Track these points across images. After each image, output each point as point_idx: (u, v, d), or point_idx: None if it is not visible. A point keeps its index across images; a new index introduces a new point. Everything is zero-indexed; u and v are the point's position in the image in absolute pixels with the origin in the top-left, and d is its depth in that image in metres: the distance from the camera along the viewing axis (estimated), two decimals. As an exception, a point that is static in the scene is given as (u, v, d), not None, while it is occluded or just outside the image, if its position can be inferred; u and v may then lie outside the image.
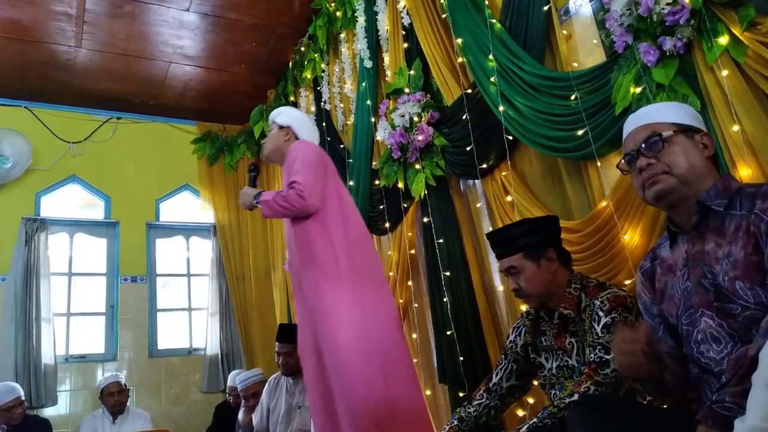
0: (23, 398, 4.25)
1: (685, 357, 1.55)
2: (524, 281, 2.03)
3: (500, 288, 3.18)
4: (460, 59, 3.30)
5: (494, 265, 3.25)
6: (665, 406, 1.82)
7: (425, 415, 2.56)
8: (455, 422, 2.22)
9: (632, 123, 1.58)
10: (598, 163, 2.50)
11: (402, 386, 2.49)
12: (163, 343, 5.76)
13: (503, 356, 2.24)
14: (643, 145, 1.50)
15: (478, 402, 2.23)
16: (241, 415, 4.33)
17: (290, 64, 5.50)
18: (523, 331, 2.20)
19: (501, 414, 2.27)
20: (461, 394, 3.19)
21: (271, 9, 4.85)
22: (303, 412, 3.56)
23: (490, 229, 3.25)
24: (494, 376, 2.24)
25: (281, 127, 2.97)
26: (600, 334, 1.86)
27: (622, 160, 1.57)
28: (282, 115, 3.01)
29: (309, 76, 5.10)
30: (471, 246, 3.40)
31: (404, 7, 3.80)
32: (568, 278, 2.04)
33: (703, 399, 1.42)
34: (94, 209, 5.88)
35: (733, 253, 1.35)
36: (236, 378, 4.53)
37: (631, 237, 2.30)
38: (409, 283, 3.87)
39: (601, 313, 1.89)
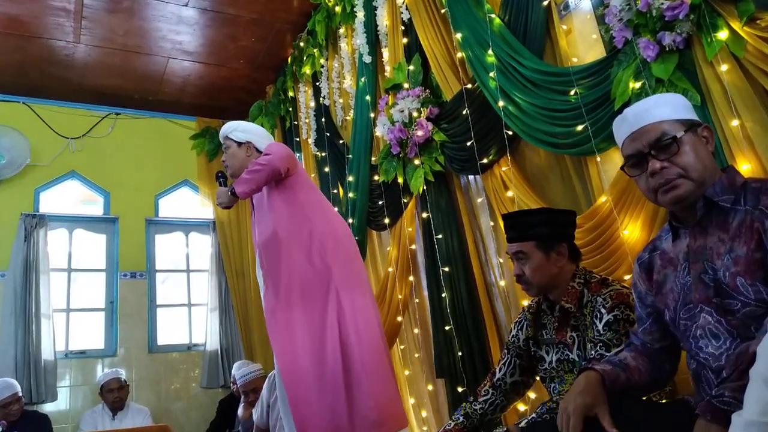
0: (20, 394, 4.25)
1: (660, 350, 1.58)
2: (529, 269, 2.02)
3: (501, 283, 3.19)
4: (459, 54, 3.30)
5: (495, 259, 3.25)
6: (664, 401, 1.83)
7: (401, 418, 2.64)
8: (461, 419, 2.22)
9: (632, 121, 1.48)
10: (598, 159, 2.50)
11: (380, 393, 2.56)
12: (162, 339, 5.77)
13: (506, 351, 2.24)
14: (653, 147, 1.43)
15: (484, 398, 2.22)
16: (241, 411, 4.33)
17: (289, 59, 5.49)
18: (524, 325, 2.20)
19: (505, 411, 2.27)
20: (460, 389, 3.19)
21: (270, 4, 4.84)
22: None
23: (491, 224, 3.26)
24: (498, 371, 2.24)
25: (240, 144, 2.94)
26: (601, 331, 1.86)
27: (628, 163, 1.49)
28: (236, 131, 2.95)
29: (308, 71, 5.09)
30: (472, 241, 3.40)
31: (403, 2, 3.79)
32: (573, 273, 2.04)
33: (701, 394, 1.43)
34: (94, 205, 5.88)
35: (735, 248, 1.34)
36: (237, 372, 4.52)
37: (631, 232, 2.30)
38: (410, 278, 3.87)
39: (603, 310, 1.89)
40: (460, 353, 3.21)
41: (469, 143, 3.17)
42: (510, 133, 2.92)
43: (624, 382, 1.49)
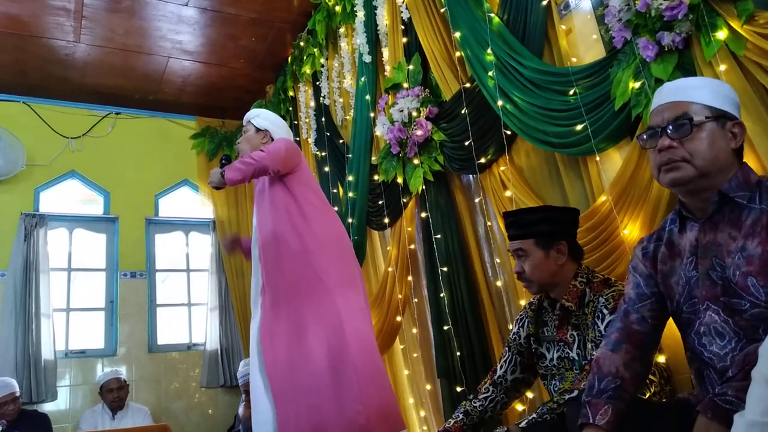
0: (18, 394, 4.22)
1: (652, 330, 1.54)
2: (529, 267, 2.04)
3: (500, 283, 3.18)
4: (458, 53, 3.30)
5: (495, 259, 3.25)
6: (664, 400, 1.83)
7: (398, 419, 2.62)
8: (460, 416, 2.22)
9: (665, 94, 1.46)
10: (597, 158, 2.49)
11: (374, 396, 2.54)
12: (162, 339, 5.77)
13: (507, 349, 2.25)
14: (670, 125, 1.41)
15: (484, 396, 2.23)
16: (241, 410, 4.34)
17: (289, 58, 5.49)
18: (526, 322, 2.21)
19: (505, 408, 2.28)
20: (459, 389, 3.19)
21: (269, 3, 4.85)
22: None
23: (489, 224, 3.26)
24: (498, 368, 2.25)
25: (258, 130, 3.01)
26: (603, 332, 1.86)
27: (644, 134, 1.48)
28: (260, 117, 3.04)
29: (308, 71, 5.09)
30: (472, 241, 3.39)
31: (403, 2, 3.79)
32: (575, 272, 2.04)
33: (704, 393, 1.42)
34: (94, 204, 5.87)
35: (748, 247, 1.31)
36: (238, 371, 4.52)
37: (631, 231, 2.30)
38: (409, 278, 3.87)
39: (605, 311, 1.90)
40: (459, 353, 3.21)
41: (467, 142, 3.17)
42: (509, 132, 2.92)
43: (624, 408, 1.45)
